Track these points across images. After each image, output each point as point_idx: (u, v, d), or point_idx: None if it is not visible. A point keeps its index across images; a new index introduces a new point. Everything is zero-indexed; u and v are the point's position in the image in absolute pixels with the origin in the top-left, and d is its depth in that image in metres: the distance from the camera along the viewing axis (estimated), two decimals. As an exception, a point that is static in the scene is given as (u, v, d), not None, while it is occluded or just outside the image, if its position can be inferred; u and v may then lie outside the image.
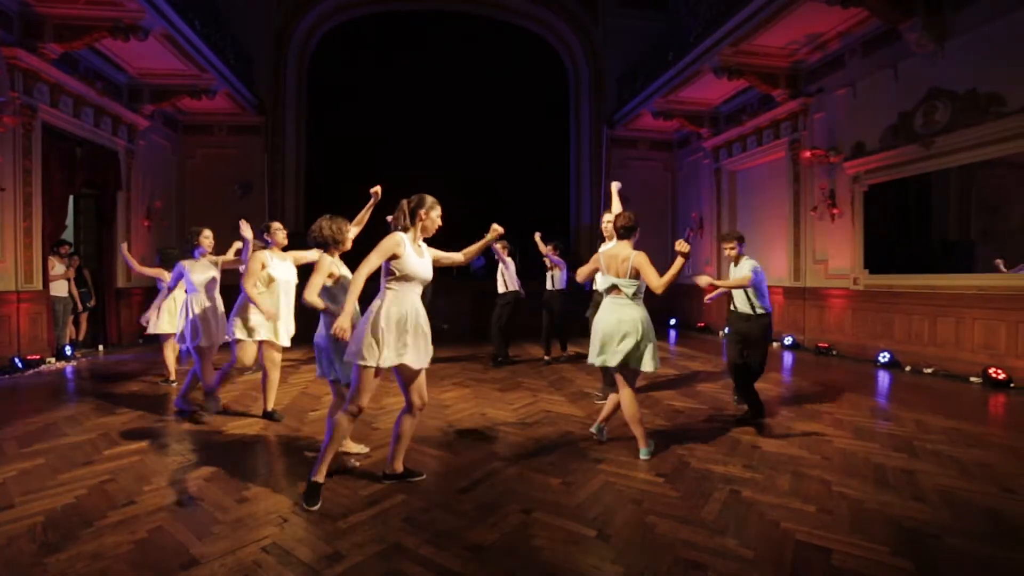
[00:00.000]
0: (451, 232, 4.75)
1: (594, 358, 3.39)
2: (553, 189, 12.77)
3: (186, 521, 2.50)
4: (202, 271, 4.39)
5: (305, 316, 4.39)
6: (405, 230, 2.83)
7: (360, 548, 2.26)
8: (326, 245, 3.17)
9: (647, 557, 2.20)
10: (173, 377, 5.52)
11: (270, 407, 4.24)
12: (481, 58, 12.00)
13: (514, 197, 12.37)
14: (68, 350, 7.15)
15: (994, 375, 5.41)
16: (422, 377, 2.89)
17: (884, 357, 6.63)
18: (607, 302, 3.41)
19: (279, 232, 4.17)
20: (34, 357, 6.43)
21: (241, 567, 2.11)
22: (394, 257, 2.72)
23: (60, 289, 7.28)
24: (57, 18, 6.56)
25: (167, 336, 5.41)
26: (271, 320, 4.01)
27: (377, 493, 2.84)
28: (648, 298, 3.43)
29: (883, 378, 6.04)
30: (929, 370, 6.18)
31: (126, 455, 3.40)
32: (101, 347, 8.14)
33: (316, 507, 2.62)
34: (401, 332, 2.70)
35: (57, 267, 7.24)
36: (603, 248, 3.89)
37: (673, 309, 11.30)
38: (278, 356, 4.20)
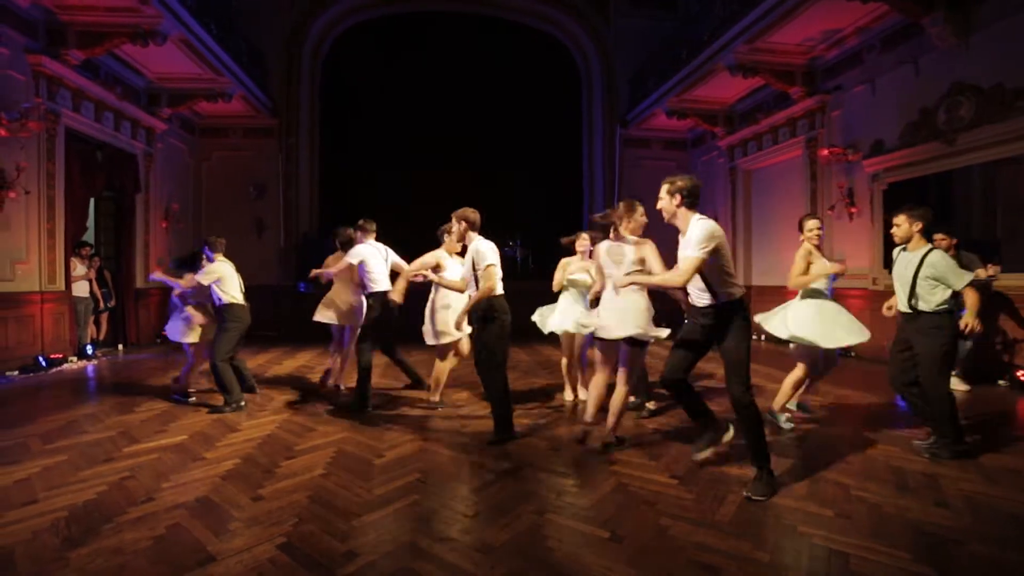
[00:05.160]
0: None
1: None
2: (566, 189, 12.74)
3: (203, 518, 2.53)
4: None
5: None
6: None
7: (373, 547, 2.28)
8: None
9: (661, 559, 2.18)
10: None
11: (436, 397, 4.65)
12: (493, 58, 12.00)
13: (527, 197, 12.38)
14: (89, 349, 7.31)
15: (1022, 378, 5.26)
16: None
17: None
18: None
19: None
20: (57, 356, 6.59)
21: (257, 564, 2.14)
22: None
23: (81, 289, 7.44)
24: (79, 25, 6.71)
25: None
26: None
27: (390, 492, 2.85)
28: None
29: (903, 380, 5.90)
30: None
31: (145, 452, 3.47)
32: (121, 346, 8.30)
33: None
34: None
35: (79, 268, 7.40)
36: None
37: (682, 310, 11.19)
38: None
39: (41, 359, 6.39)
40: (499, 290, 3.70)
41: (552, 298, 4.79)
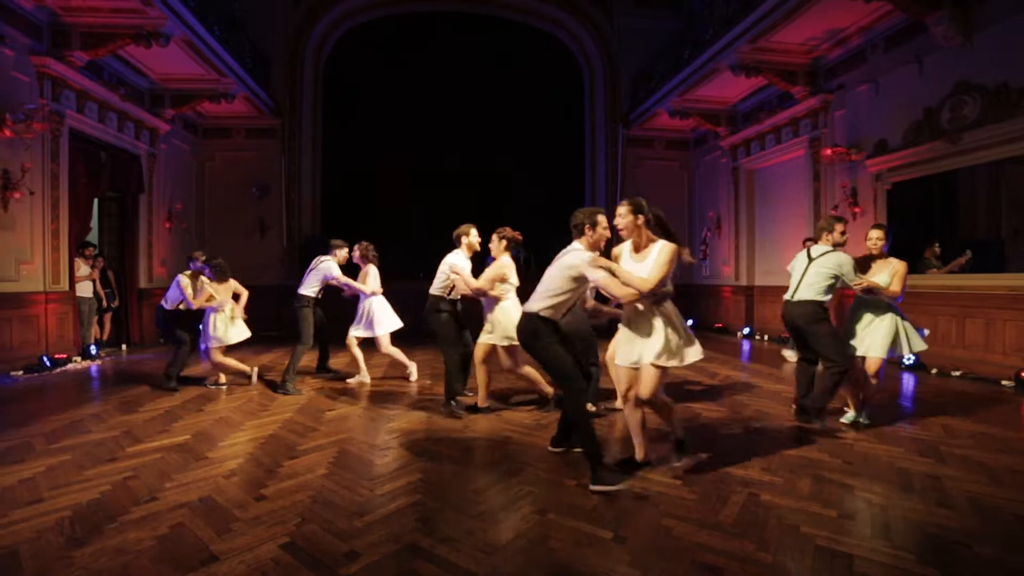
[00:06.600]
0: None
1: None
2: (568, 189, 12.73)
3: (206, 518, 2.54)
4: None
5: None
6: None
7: (376, 547, 2.28)
8: None
9: (663, 560, 2.18)
10: None
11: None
12: (496, 58, 12.01)
13: (529, 197, 12.38)
14: (93, 349, 7.33)
15: (1024, 377, 5.23)
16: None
17: (909, 359, 6.46)
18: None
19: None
20: (61, 356, 6.61)
21: (259, 564, 2.14)
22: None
23: (85, 290, 7.47)
24: (83, 27, 6.73)
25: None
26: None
27: (393, 492, 2.85)
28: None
29: (908, 380, 5.89)
30: (957, 372, 6.01)
31: (148, 452, 3.48)
32: (124, 346, 8.33)
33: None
34: None
35: (82, 268, 7.43)
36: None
37: (691, 310, 11.17)
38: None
39: (45, 359, 6.41)
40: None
41: None
